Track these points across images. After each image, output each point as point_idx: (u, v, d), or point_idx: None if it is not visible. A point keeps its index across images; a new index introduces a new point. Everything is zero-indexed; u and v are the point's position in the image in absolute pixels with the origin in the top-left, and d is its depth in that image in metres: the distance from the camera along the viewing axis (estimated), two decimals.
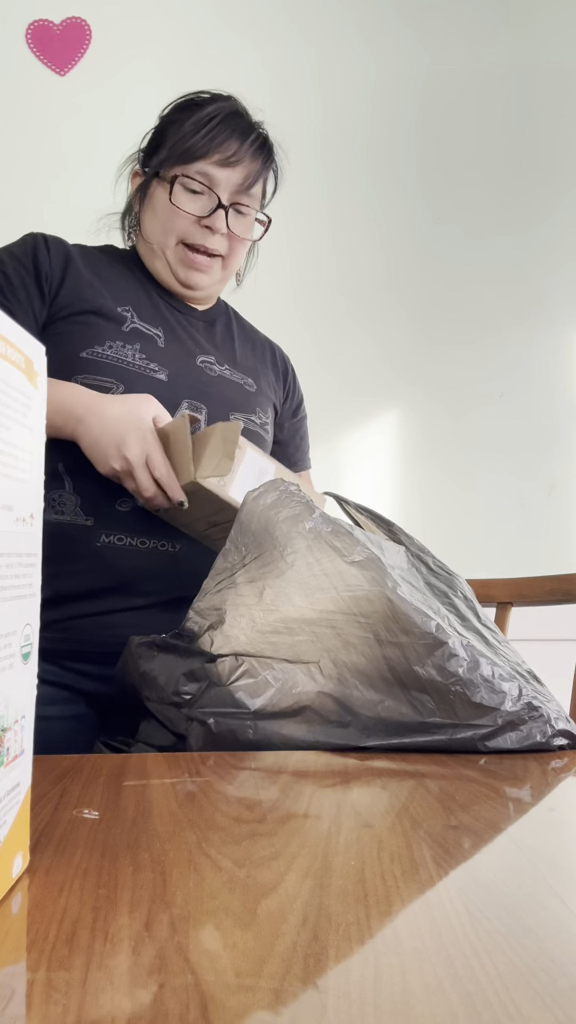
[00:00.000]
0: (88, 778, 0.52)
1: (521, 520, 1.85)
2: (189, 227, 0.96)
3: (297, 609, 0.62)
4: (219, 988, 0.27)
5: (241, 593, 0.65)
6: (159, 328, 0.98)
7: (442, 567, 0.73)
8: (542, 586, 1.11)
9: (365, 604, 0.61)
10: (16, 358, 0.34)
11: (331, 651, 0.61)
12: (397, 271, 1.86)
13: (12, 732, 0.35)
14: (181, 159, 0.95)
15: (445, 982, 0.28)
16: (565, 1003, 0.26)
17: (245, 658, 0.62)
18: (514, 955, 0.29)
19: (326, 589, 0.62)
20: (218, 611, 0.65)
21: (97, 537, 0.89)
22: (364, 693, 0.60)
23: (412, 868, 0.38)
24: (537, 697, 0.61)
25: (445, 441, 1.86)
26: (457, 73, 1.88)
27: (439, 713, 0.59)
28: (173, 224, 0.96)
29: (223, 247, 0.98)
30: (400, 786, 0.51)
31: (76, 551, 0.89)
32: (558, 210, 1.91)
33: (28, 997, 0.27)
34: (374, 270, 1.85)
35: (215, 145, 0.94)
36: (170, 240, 0.98)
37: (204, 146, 0.94)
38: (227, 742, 0.60)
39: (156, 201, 0.98)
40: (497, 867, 0.39)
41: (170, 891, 0.35)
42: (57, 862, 0.38)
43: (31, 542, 0.37)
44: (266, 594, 0.64)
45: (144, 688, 0.66)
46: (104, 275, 0.98)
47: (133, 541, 0.90)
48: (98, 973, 0.28)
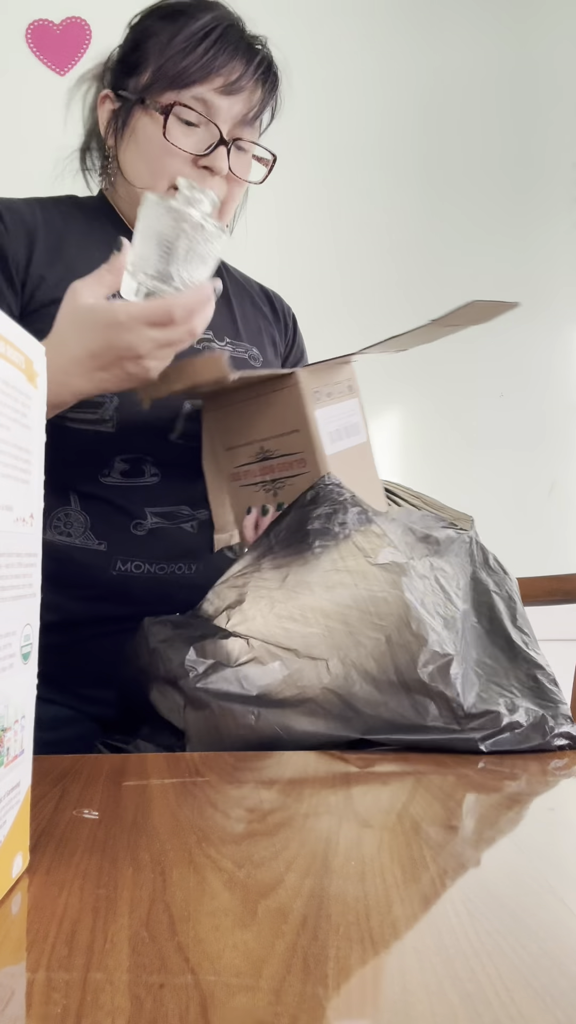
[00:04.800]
0: (88, 778, 0.52)
1: (521, 520, 1.85)
2: (184, 167, 0.80)
3: (315, 599, 0.63)
4: (219, 988, 0.27)
5: (265, 576, 0.66)
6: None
7: (501, 565, 0.73)
8: (542, 586, 1.11)
9: (383, 605, 0.62)
10: (16, 358, 0.34)
11: (341, 649, 0.62)
12: (397, 270, 1.86)
13: (12, 732, 0.35)
14: (174, 83, 0.78)
15: (445, 982, 0.28)
16: (565, 1003, 0.26)
17: (256, 643, 0.63)
18: (514, 955, 0.29)
19: (347, 585, 0.63)
20: (239, 591, 0.66)
21: (112, 564, 0.81)
22: (369, 693, 0.61)
23: (412, 868, 0.38)
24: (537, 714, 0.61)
25: (445, 440, 1.87)
26: (458, 72, 1.88)
27: (441, 720, 0.59)
28: (164, 164, 0.80)
29: (222, 190, 0.83)
30: (400, 786, 0.51)
31: (88, 578, 0.81)
32: (559, 209, 1.91)
33: (28, 997, 0.27)
34: (374, 269, 1.85)
35: (217, 67, 0.78)
36: (161, 183, 0.81)
37: (203, 67, 0.78)
38: (228, 727, 0.60)
39: (141, 135, 0.81)
40: (497, 867, 0.38)
41: (170, 891, 0.35)
42: (57, 862, 0.38)
43: (31, 542, 0.37)
44: (289, 580, 0.65)
45: (152, 666, 0.66)
46: (76, 245, 0.83)
47: (151, 567, 0.82)
48: (98, 973, 0.28)
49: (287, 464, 0.75)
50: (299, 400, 0.72)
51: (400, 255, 1.86)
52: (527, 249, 1.90)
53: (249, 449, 0.78)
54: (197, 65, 0.77)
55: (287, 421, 0.73)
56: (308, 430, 0.72)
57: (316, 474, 0.72)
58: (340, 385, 0.77)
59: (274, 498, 0.77)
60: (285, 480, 0.76)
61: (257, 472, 0.78)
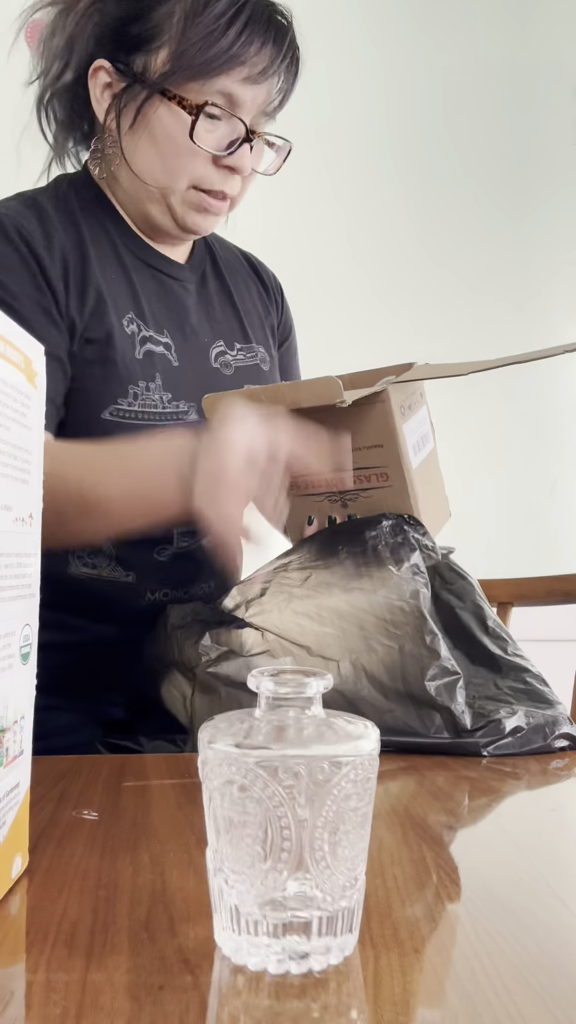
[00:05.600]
0: (88, 778, 0.52)
1: (521, 520, 1.85)
2: (205, 167, 0.73)
3: (333, 600, 0.64)
4: (219, 988, 0.27)
5: (289, 576, 0.67)
6: (163, 330, 0.79)
7: (456, 570, 0.72)
8: (542, 586, 1.11)
9: (399, 615, 0.62)
10: (15, 358, 0.34)
11: (353, 652, 0.62)
12: (396, 269, 1.86)
13: (11, 733, 0.35)
14: (199, 73, 0.69)
15: (445, 982, 0.28)
16: (565, 1004, 0.26)
17: (270, 636, 0.64)
18: (514, 955, 0.29)
19: (366, 591, 0.64)
20: (263, 586, 0.67)
21: (142, 595, 0.79)
22: (376, 699, 0.61)
23: (412, 868, 0.38)
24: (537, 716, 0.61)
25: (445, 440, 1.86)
26: (457, 70, 1.88)
27: (445, 732, 0.60)
28: (184, 164, 0.73)
29: (238, 187, 0.77)
30: (400, 786, 0.51)
31: (121, 608, 0.79)
32: (558, 209, 1.91)
33: (27, 998, 0.27)
34: (373, 268, 1.85)
35: (248, 55, 0.69)
36: (180, 183, 0.74)
37: (234, 58, 0.69)
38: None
39: (159, 130, 0.72)
40: (497, 867, 0.38)
41: (170, 891, 0.35)
42: (57, 863, 0.38)
43: (30, 542, 0.37)
44: (311, 579, 0.65)
45: (167, 649, 0.67)
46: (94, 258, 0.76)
47: (178, 593, 0.81)
48: (98, 974, 0.28)
49: (364, 477, 0.72)
50: (387, 416, 0.68)
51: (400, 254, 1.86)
52: (527, 248, 1.90)
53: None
54: (227, 55, 0.68)
55: (371, 435, 0.69)
56: (396, 446, 0.69)
57: (401, 487, 0.70)
58: (415, 395, 0.74)
59: (343, 509, 0.73)
60: (360, 493, 0.73)
61: (323, 483, 0.74)
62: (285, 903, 0.27)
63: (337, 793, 0.28)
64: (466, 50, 1.90)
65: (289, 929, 0.28)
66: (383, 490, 0.71)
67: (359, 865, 0.29)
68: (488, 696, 0.63)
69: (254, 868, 0.27)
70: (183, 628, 0.67)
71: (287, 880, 0.27)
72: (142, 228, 0.82)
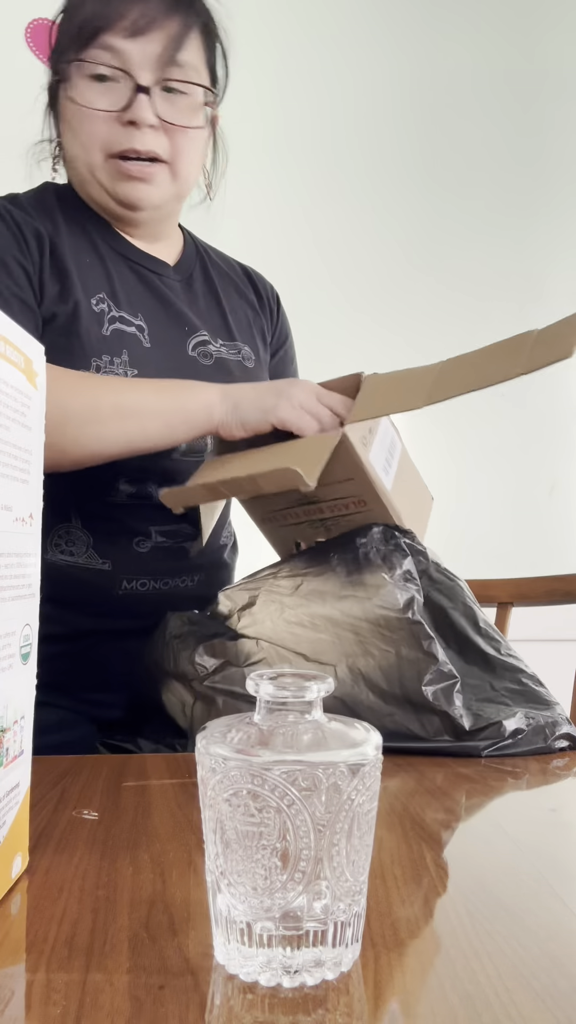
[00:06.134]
0: (88, 779, 0.52)
1: (521, 520, 1.85)
2: (111, 130, 0.73)
3: (326, 608, 0.63)
4: (219, 988, 0.27)
5: (279, 583, 0.66)
6: (137, 313, 0.80)
7: (445, 573, 0.72)
8: (542, 586, 1.11)
9: (394, 620, 0.62)
10: (16, 358, 0.34)
11: (349, 656, 0.62)
12: (396, 268, 1.86)
13: (11, 733, 0.35)
14: (76, 42, 0.72)
15: (445, 982, 0.28)
16: (566, 1004, 0.26)
17: (266, 645, 0.64)
18: (514, 956, 0.29)
19: (360, 598, 0.63)
20: (251, 594, 0.66)
21: (118, 584, 0.80)
22: (375, 703, 0.61)
23: (412, 868, 0.38)
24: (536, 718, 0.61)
25: (445, 440, 1.86)
26: (458, 71, 1.88)
27: (445, 735, 0.59)
28: (89, 131, 0.74)
29: (161, 146, 0.75)
30: (400, 786, 0.51)
31: (96, 597, 0.81)
32: (559, 208, 1.91)
33: (27, 998, 0.27)
34: (374, 268, 1.85)
35: (112, 9, 0.71)
36: (95, 155, 0.75)
37: (98, 14, 0.70)
38: None
39: (68, 109, 0.75)
40: (497, 867, 0.38)
41: (170, 891, 0.35)
42: (57, 863, 0.38)
43: (31, 542, 0.37)
44: (302, 588, 0.65)
45: (165, 659, 0.67)
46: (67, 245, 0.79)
47: (156, 583, 0.82)
48: (98, 974, 0.28)
49: (341, 505, 0.72)
50: (350, 454, 0.67)
51: (399, 252, 1.86)
52: (527, 247, 1.90)
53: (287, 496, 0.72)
54: (91, 12, 0.71)
55: (339, 471, 0.68)
56: (366, 477, 0.68)
57: (381, 509, 0.70)
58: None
59: (326, 532, 0.74)
60: (340, 518, 0.73)
61: (301, 514, 0.74)
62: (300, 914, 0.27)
63: (355, 797, 0.27)
64: (467, 51, 1.90)
65: (303, 941, 0.27)
66: (363, 513, 0.71)
67: (367, 869, 0.29)
68: (485, 698, 0.63)
69: (270, 879, 0.27)
70: (179, 638, 0.67)
71: (303, 890, 0.27)
72: (120, 227, 0.83)
